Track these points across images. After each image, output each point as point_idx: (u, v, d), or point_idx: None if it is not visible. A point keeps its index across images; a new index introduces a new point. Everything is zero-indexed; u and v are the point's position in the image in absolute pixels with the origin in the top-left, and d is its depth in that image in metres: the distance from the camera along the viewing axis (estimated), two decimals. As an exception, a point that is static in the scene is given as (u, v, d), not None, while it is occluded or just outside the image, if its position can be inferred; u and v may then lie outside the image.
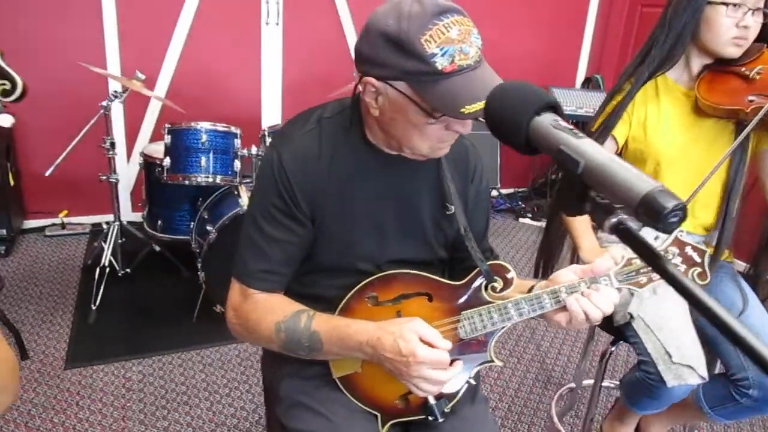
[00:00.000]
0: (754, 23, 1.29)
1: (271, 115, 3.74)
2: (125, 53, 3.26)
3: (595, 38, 4.36)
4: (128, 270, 2.85)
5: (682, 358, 1.30)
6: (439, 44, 0.85)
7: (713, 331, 1.40)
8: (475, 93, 0.86)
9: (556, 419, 1.87)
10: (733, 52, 1.33)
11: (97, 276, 2.59)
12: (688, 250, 1.03)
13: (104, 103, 2.56)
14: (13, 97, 0.93)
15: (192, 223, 2.82)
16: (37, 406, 2.01)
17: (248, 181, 2.69)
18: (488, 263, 1.04)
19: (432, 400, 1.00)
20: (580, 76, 4.44)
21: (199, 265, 2.53)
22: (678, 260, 1.03)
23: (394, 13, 0.88)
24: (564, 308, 0.98)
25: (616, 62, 4.32)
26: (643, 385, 1.39)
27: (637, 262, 1.02)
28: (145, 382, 2.20)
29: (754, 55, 1.33)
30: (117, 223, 2.77)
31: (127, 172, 3.45)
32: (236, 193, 2.63)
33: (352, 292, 1.05)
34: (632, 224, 0.54)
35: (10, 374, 0.83)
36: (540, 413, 2.16)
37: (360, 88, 0.97)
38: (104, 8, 3.14)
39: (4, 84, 0.94)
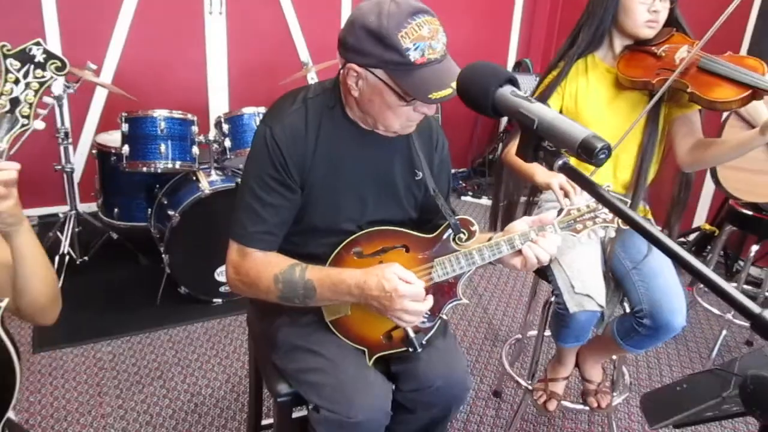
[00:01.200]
0: (663, 8, 1.53)
1: (218, 103, 3.78)
2: (66, 44, 3.23)
3: (523, 24, 4.65)
4: (86, 258, 2.87)
5: (583, 289, 1.54)
6: (413, 40, 1.04)
7: (621, 272, 1.65)
8: (441, 82, 1.06)
9: (507, 365, 2.10)
10: (647, 33, 1.57)
11: (56, 265, 2.61)
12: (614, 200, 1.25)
13: (56, 93, 2.56)
14: (64, 72, 1.02)
15: (149, 209, 2.88)
16: (11, 390, 2.05)
17: (206, 166, 2.77)
18: (456, 217, 1.23)
19: (411, 334, 1.18)
20: (511, 60, 4.72)
21: (162, 249, 2.61)
22: (605, 210, 1.25)
23: (376, 11, 1.05)
24: (519, 253, 1.19)
25: (542, 46, 4.63)
26: (558, 316, 1.64)
27: (574, 212, 1.24)
28: (117, 361, 2.28)
29: (664, 37, 1.58)
30: (73, 212, 2.79)
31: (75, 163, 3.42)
32: (195, 178, 2.71)
33: (340, 247, 1.22)
34: (572, 165, 0.74)
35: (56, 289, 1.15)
36: (490, 366, 2.40)
37: (343, 72, 1.13)
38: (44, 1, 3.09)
39: (55, 63, 1.02)
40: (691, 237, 3.36)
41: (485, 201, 4.32)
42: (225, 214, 2.57)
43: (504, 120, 4.73)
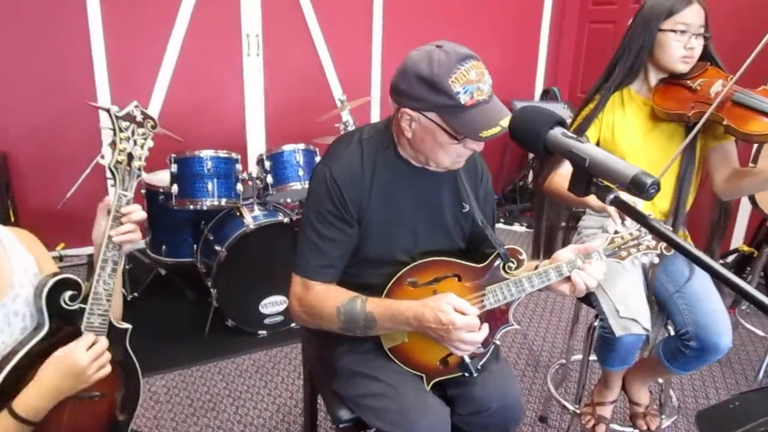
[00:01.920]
0: (697, 45, 1.60)
1: (256, 140, 3.95)
2: (114, 88, 3.43)
3: (549, 53, 4.75)
4: (136, 294, 3.00)
5: (628, 312, 1.58)
6: (463, 84, 1.13)
7: (664, 296, 1.69)
8: (490, 121, 1.14)
9: (553, 389, 2.13)
10: (683, 68, 1.63)
11: (110, 301, 2.74)
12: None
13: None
14: (156, 129, 1.19)
15: (195, 245, 3.01)
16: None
17: (249, 202, 2.89)
18: (505, 247, 1.29)
19: (467, 359, 1.24)
20: (538, 88, 4.81)
21: (210, 283, 2.72)
22: (648, 236, 1.31)
23: (427, 59, 1.15)
24: (566, 280, 1.25)
25: (569, 74, 4.72)
26: (603, 340, 1.68)
27: (618, 240, 1.30)
28: (171, 394, 2.37)
29: (698, 71, 1.64)
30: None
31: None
32: (239, 214, 2.83)
33: (395, 277, 1.29)
34: (624, 197, 0.81)
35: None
36: (534, 392, 2.43)
37: (397, 116, 1.22)
38: (93, 45, 3.30)
39: (150, 121, 1.18)
40: (729, 259, 3.35)
41: (517, 228, 4.36)
42: (269, 247, 2.70)
43: (533, 147, 4.80)
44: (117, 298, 1.27)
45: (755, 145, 2.26)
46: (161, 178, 3.03)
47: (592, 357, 1.90)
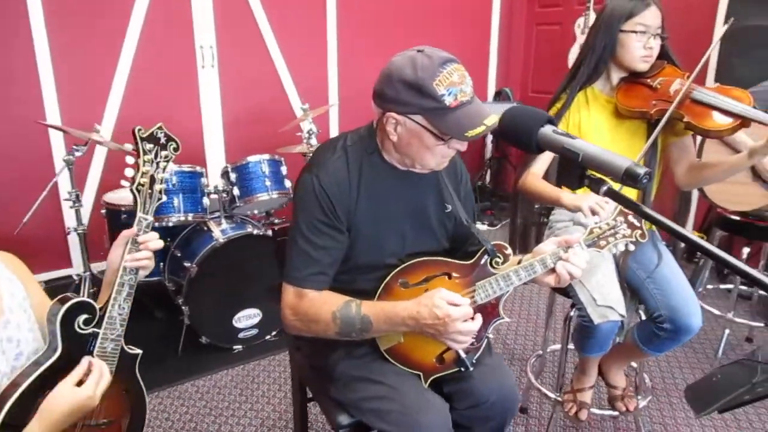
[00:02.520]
0: (656, 45, 1.70)
1: (215, 153, 3.89)
2: (65, 106, 3.32)
3: (500, 55, 4.88)
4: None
5: (604, 301, 1.66)
6: (447, 86, 1.16)
7: (636, 282, 1.77)
8: (474, 121, 1.18)
9: (533, 379, 2.19)
10: (643, 67, 1.73)
11: (76, 326, 2.64)
12: (630, 218, 1.38)
13: (66, 157, 2.64)
14: (178, 151, 1.20)
15: (162, 263, 2.94)
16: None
17: (216, 215, 2.85)
18: (491, 243, 1.34)
19: (463, 354, 1.28)
20: (491, 90, 4.94)
21: (181, 301, 2.66)
22: (624, 226, 1.38)
23: (410, 64, 1.18)
24: (550, 271, 1.30)
25: (520, 75, 4.86)
26: (582, 328, 1.76)
27: (597, 230, 1.36)
28: (150, 417, 2.30)
29: (657, 69, 1.74)
30: (88, 273, 2.83)
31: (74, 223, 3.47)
32: (206, 228, 2.79)
33: (387, 279, 1.32)
34: (615, 189, 0.86)
35: None
36: (511, 385, 2.49)
37: (382, 120, 1.25)
38: (39, 62, 3.18)
39: (172, 143, 1.19)
40: (681, 245, 3.52)
41: (479, 226, 4.45)
42: (240, 260, 2.67)
43: (489, 148, 4.92)
44: None
45: (698, 140, 2.40)
46: (122, 196, 2.95)
47: (570, 346, 1.97)
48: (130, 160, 1.21)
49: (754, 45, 2.98)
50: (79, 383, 1.11)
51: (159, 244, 1.21)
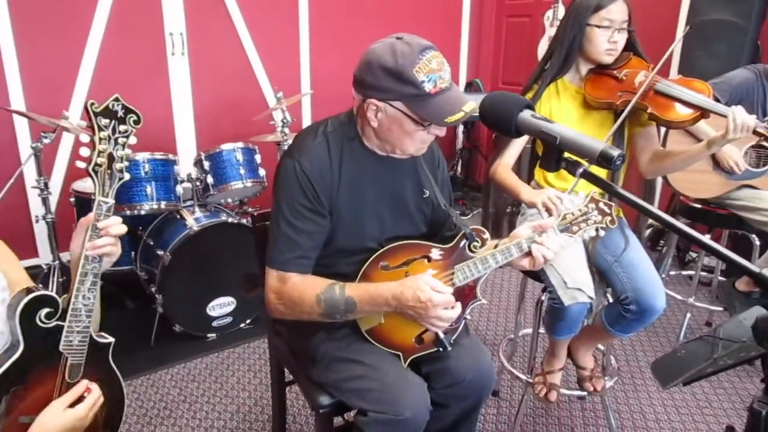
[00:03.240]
0: (620, 38, 1.76)
1: (186, 142, 3.84)
2: (30, 93, 3.23)
3: (470, 47, 4.94)
4: (72, 307, 2.85)
5: (574, 283, 1.72)
6: (426, 73, 1.19)
7: (604, 266, 1.84)
8: (453, 107, 1.22)
9: (505, 362, 2.25)
10: (608, 59, 1.80)
11: (46, 315, 2.60)
12: (601, 205, 1.44)
13: (34, 145, 2.58)
14: (140, 124, 1.12)
15: (133, 252, 2.90)
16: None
17: (189, 204, 2.83)
18: (470, 228, 1.37)
19: (441, 335, 1.31)
20: (462, 81, 4.99)
21: (154, 289, 2.64)
22: (595, 212, 1.43)
23: (390, 52, 1.20)
24: (525, 255, 1.34)
25: (491, 67, 4.93)
26: (552, 310, 1.82)
27: (569, 216, 1.41)
28: (123, 405, 2.29)
29: (623, 61, 1.81)
30: (57, 262, 2.78)
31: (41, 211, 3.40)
32: (179, 216, 2.76)
33: (368, 262, 1.34)
34: (591, 171, 0.90)
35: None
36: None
37: (362, 107, 1.27)
38: (2, 47, 3.09)
39: (132, 116, 1.11)
40: (646, 233, 3.64)
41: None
42: (214, 249, 2.66)
43: (461, 139, 4.98)
44: (95, 310, 1.21)
45: (663, 130, 2.50)
46: (91, 185, 2.89)
47: (541, 330, 2.03)
48: (85, 138, 1.11)
49: (714, 39, 3.09)
50: (72, 404, 1.10)
51: (122, 228, 1.13)
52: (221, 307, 2.75)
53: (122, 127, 1.11)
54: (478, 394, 1.40)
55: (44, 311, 1.09)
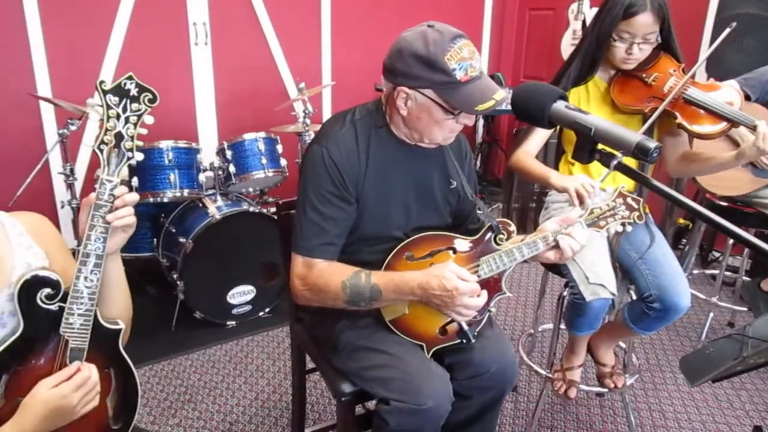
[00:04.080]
0: (639, 50, 1.71)
1: (208, 131, 3.87)
2: (56, 81, 3.27)
3: (492, 40, 4.89)
4: (94, 292, 2.90)
5: (596, 279, 1.70)
6: (458, 61, 1.18)
7: (628, 263, 1.82)
8: (484, 95, 1.21)
9: (525, 356, 2.25)
10: (626, 68, 1.76)
11: (70, 299, 2.64)
12: (629, 200, 1.43)
13: (60, 131, 2.61)
14: (155, 103, 1.07)
15: (155, 239, 2.94)
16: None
17: (211, 192, 2.85)
18: (496, 220, 1.37)
19: (465, 327, 1.31)
20: (483, 75, 4.95)
21: (176, 276, 2.67)
22: (623, 207, 1.41)
23: (422, 39, 1.20)
24: (552, 248, 1.33)
25: (512, 60, 4.88)
26: (573, 306, 1.81)
27: (597, 211, 1.40)
28: (144, 389, 2.32)
29: (652, 61, 1.77)
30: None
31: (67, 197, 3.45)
32: (201, 205, 2.79)
33: (393, 252, 1.35)
34: (624, 162, 0.89)
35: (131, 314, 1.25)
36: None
37: (392, 94, 1.27)
38: (30, 36, 3.13)
39: (147, 95, 1.06)
40: (671, 231, 3.60)
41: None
42: (235, 237, 2.68)
43: (480, 133, 4.95)
44: (121, 296, 1.19)
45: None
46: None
47: (561, 326, 2.02)
48: (95, 118, 1.07)
49: (744, 34, 3.03)
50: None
51: (134, 197, 1.08)
52: (241, 295, 2.77)
53: (135, 106, 1.06)
54: (501, 386, 1.40)
55: (45, 292, 1.04)
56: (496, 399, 1.43)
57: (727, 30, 1.71)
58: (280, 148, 2.95)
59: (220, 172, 2.85)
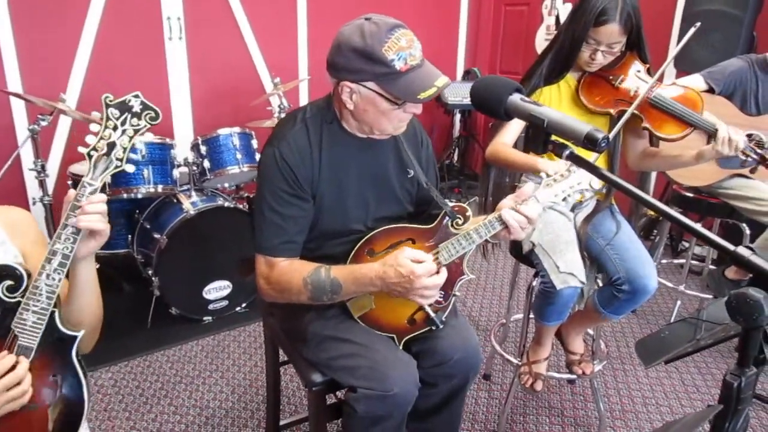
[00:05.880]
0: (602, 57, 1.75)
1: (183, 126, 3.85)
2: (27, 76, 3.23)
3: (469, 35, 4.93)
4: (69, 289, 2.88)
5: (566, 268, 1.74)
6: (396, 51, 1.21)
7: (596, 250, 1.86)
8: (425, 83, 1.24)
9: (497, 345, 2.29)
10: (590, 69, 1.81)
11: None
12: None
13: (31, 127, 2.59)
14: (157, 121, 1.11)
15: (129, 236, 2.92)
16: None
17: (185, 188, 2.85)
18: (450, 205, 1.39)
19: (432, 313, 1.34)
20: (460, 69, 4.99)
21: (151, 273, 2.67)
22: (576, 175, 1.39)
23: (358, 32, 1.22)
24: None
25: (488, 55, 4.92)
26: (543, 294, 1.85)
27: (551, 182, 1.36)
28: (119, 385, 2.32)
29: (619, 62, 1.81)
30: (54, 243, 2.80)
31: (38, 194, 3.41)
32: (176, 201, 2.78)
33: (355, 249, 1.37)
34: (577, 153, 0.92)
35: (101, 321, 1.22)
36: (476, 353, 2.59)
37: (337, 90, 1.30)
38: (0, 32, 3.09)
39: (149, 113, 1.11)
40: (640, 222, 3.67)
41: (449, 203, 4.53)
42: (210, 233, 2.69)
43: (457, 127, 4.99)
44: (91, 302, 1.17)
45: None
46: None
47: (531, 315, 2.06)
48: (95, 128, 1.10)
49: (710, 29, 3.10)
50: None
51: (100, 197, 1.07)
52: (217, 290, 2.78)
53: (135, 121, 1.11)
54: (465, 373, 1.43)
55: (6, 284, 1.05)
56: (460, 386, 1.46)
57: (692, 30, 1.77)
58: (255, 143, 2.95)
59: (195, 168, 2.84)
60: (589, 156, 0.88)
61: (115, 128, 1.09)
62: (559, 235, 1.79)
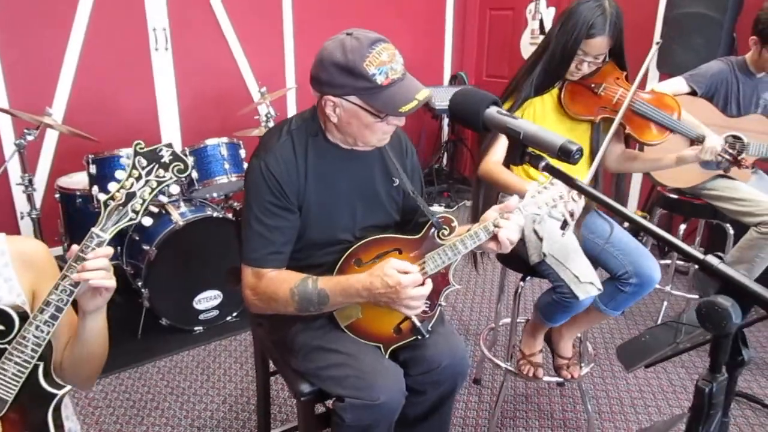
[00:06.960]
0: (587, 66, 1.79)
1: (171, 137, 3.85)
2: (12, 89, 3.22)
3: (455, 40, 4.97)
4: (58, 302, 2.87)
5: (585, 278, 1.76)
6: (377, 66, 1.23)
7: (596, 250, 1.87)
8: (407, 96, 1.26)
9: (486, 350, 2.30)
10: (572, 78, 1.84)
11: (32, 311, 2.62)
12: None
13: (18, 142, 2.59)
14: (185, 174, 1.06)
15: (119, 247, 2.92)
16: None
17: (174, 199, 2.85)
18: (437, 216, 1.41)
19: (418, 323, 1.35)
20: (447, 74, 5.02)
21: (140, 284, 2.67)
22: (557, 186, 1.42)
23: (340, 48, 1.24)
24: (493, 238, 1.34)
25: (475, 60, 4.97)
26: (559, 304, 1.85)
27: (535, 194, 1.38)
28: (110, 398, 2.32)
29: (599, 69, 1.84)
30: (42, 257, 2.79)
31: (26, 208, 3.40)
32: (165, 211, 2.78)
33: (342, 259, 1.38)
34: (553, 165, 0.94)
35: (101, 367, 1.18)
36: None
37: (321, 104, 1.32)
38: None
39: (178, 165, 1.06)
40: (626, 224, 3.71)
41: (437, 208, 4.56)
42: (199, 243, 2.69)
43: (446, 132, 5.02)
44: (94, 351, 1.14)
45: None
46: (77, 180, 2.91)
47: (519, 319, 2.08)
48: (121, 176, 1.05)
49: (691, 32, 3.15)
50: None
51: (106, 250, 1.04)
52: (207, 300, 2.78)
53: (161, 172, 1.06)
54: (453, 380, 1.45)
55: None
56: (449, 393, 1.48)
57: (654, 48, 1.86)
58: (243, 152, 2.96)
59: (183, 179, 2.84)
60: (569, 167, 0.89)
61: (138, 177, 1.04)
62: (565, 244, 1.81)
